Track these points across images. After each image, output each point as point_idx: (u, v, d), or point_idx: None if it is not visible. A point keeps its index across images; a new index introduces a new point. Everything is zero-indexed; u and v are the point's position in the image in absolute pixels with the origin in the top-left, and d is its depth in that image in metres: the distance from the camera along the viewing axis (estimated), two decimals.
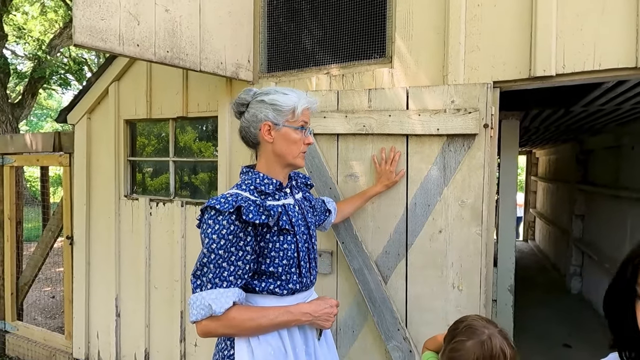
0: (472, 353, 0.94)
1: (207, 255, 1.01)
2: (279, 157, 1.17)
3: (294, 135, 1.15)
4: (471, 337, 0.96)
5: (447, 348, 1.01)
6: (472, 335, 0.96)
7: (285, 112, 1.14)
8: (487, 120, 1.58)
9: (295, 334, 1.12)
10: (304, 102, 1.16)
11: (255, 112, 1.16)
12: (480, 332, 0.96)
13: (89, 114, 2.85)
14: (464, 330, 0.98)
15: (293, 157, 1.17)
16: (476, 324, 0.98)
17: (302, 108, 1.15)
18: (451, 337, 1.02)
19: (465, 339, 0.96)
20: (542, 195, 6.96)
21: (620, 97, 2.14)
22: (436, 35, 1.73)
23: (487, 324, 0.99)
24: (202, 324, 1.00)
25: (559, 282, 5.07)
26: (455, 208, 1.64)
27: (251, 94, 1.19)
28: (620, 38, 1.43)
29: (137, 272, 2.66)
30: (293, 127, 1.15)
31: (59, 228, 3.18)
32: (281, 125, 1.14)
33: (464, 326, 0.99)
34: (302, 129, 1.17)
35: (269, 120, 1.15)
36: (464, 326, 1.00)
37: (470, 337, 0.96)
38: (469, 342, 0.95)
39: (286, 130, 1.15)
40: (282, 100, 1.14)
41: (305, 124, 1.18)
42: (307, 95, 1.20)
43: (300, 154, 1.18)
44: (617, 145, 3.48)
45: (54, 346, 3.14)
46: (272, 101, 1.14)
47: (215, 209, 1.02)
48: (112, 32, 1.60)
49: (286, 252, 1.10)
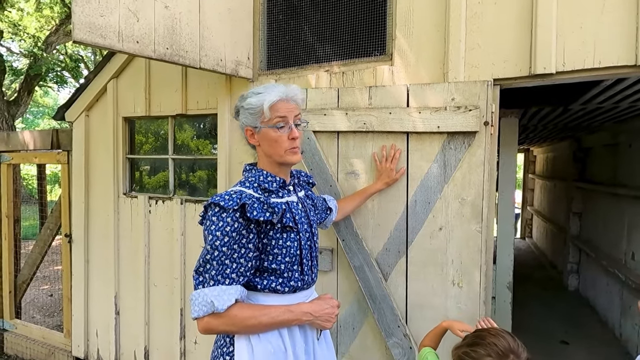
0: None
1: (211, 252, 1.01)
2: (270, 158, 1.16)
3: (272, 134, 1.12)
4: (492, 355, 0.95)
5: (465, 348, 1.01)
6: (496, 355, 0.95)
7: (256, 113, 1.12)
8: (488, 117, 1.58)
9: (295, 333, 1.12)
10: (272, 97, 1.10)
11: (241, 118, 1.18)
12: (504, 356, 0.95)
13: (87, 111, 2.83)
14: (491, 344, 0.97)
15: (280, 155, 1.14)
16: (504, 346, 0.97)
17: (269, 104, 1.09)
18: (474, 340, 1.01)
19: (485, 354, 0.96)
20: (540, 193, 7.00)
21: (619, 95, 2.15)
22: (437, 32, 1.73)
23: (517, 349, 0.97)
24: (203, 321, 1.00)
25: (556, 279, 5.10)
26: (455, 205, 1.65)
27: (241, 99, 1.18)
28: (620, 36, 1.43)
29: (137, 270, 2.65)
30: (269, 126, 1.12)
31: (57, 226, 3.17)
32: (259, 127, 1.13)
33: (493, 342, 0.98)
34: (279, 127, 1.12)
35: (248, 125, 1.15)
36: (493, 341, 0.98)
37: (492, 354, 0.96)
38: (488, 359, 0.95)
39: (265, 131, 1.13)
40: (253, 103, 1.12)
41: (282, 119, 1.12)
42: (282, 88, 1.13)
43: (287, 151, 1.13)
44: (615, 143, 3.50)
45: (53, 344, 3.14)
46: (247, 105, 1.13)
47: (219, 205, 1.02)
48: (111, 28, 1.59)
49: (289, 250, 1.10)
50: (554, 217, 5.71)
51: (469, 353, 0.99)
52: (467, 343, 1.04)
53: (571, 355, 3.08)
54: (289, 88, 1.13)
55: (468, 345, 1.02)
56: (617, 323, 3.34)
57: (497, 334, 1.01)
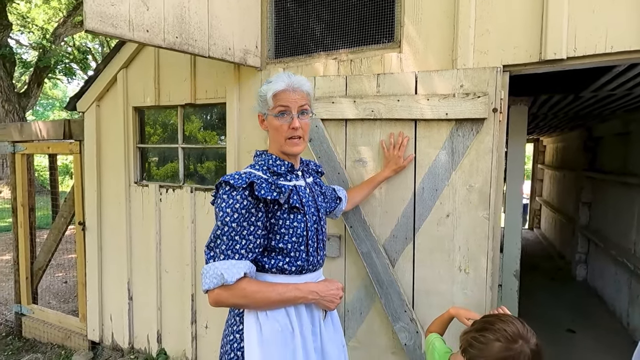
0: (493, 354, 0.95)
1: (221, 228, 1.05)
2: (274, 144, 1.20)
3: (274, 123, 1.16)
4: (501, 340, 0.96)
5: (474, 333, 1.02)
6: (505, 340, 0.96)
7: (264, 101, 1.16)
8: (497, 104, 1.58)
9: (302, 313, 1.16)
10: (275, 87, 1.13)
11: (255, 105, 1.23)
12: (513, 341, 0.96)
13: (98, 101, 2.87)
14: (500, 329, 0.98)
15: (280, 144, 1.17)
16: (513, 331, 0.97)
17: (272, 93, 1.13)
18: (484, 325, 1.02)
19: (494, 339, 0.97)
20: (549, 183, 6.93)
21: (632, 81, 2.11)
22: (446, 18, 1.72)
23: (526, 335, 0.97)
24: (214, 293, 1.04)
25: (564, 270, 5.09)
26: (463, 192, 1.65)
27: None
28: (632, 20, 1.41)
29: (148, 257, 2.72)
30: (273, 114, 1.15)
31: (71, 214, 3.25)
32: (267, 115, 1.18)
33: (502, 327, 0.98)
34: (280, 115, 1.14)
35: (259, 112, 1.20)
36: (502, 327, 0.99)
37: (500, 340, 0.96)
38: (497, 343, 0.96)
39: (270, 119, 1.17)
40: (263, 90, 1.17)
41: (284, 108, 1.14)
42: (285, 77, 1.16)
43: (287, 140, 1.16)
44: (626, 131, 3.44)
45: (69, 328, 3.24)
46: (260, 93, 1.19)
47: (229, 184, 1.06)
48: (122, 17, 1.61)
49: (295, 230, 1.13)
50: (563, 208, 5.66)
51: (477, 338, 1.00)
52: (475, 328, 1.04)
53: (577, 344, 3.09)
54: (293, 78, 1.16)
55: (477, 330, 1.03)
56: (625, 312, 3.34)
57: (506, 319, 1.02)
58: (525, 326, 1.01)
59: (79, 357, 3.00)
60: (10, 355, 3.15)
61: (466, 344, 1.04)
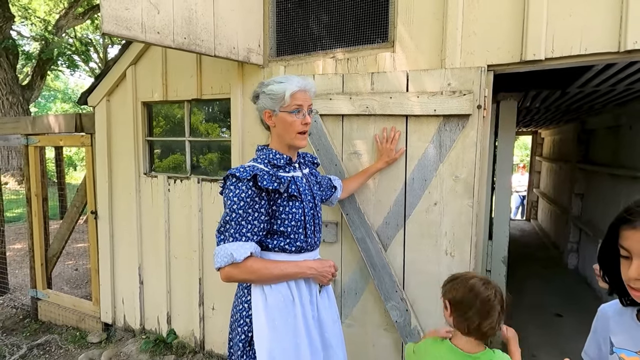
0: (472, 287, 1.15)
1: (229, 214, 1.20)
2: (281, 138, 1.35)
3: (288, 119, 1.31)
4: (476, 276, 1.18)
5: (449, 283, 1.21)
6: (478, 279, 1.17)
7: (277, 99, 1.31)
8: (481, 101, 1.71)
9: (301, 286, 1.33)
10: (293, 87, 1.30)
11: (260, 101, 1.37)
12: (485, 280, 1.16)
13: (108, 96, 3.02)
14: (469, 274, 1.21)
15: (290, 138, 1.33)
16: (482, 277, 1.19)
17: (290, 93, 1.29)
18: (453, 277, 1.24)
19: (470, 277, 1.18)
20: (546, 175, 7.05)
21: (612, 78, 2.23)
22: (435, 20, 1.84)
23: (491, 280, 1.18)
24: (225, 270, 1.20)
25: (556, 259, 5.25)
26: (449, 182, 1.80)
27: (260, 86, 1.38)
28: (605, 24, 1.53)
29: (158, 244, 2.89)
30: (287, 111, 1.31)
31: (83, 204, 3.42)
32: (277, 111, 1.32)
33: (471, 274, 1.22)
34: (296, 112, 1.31)
35: (267, 108, 1.34)
36: (471, 274, 1.22)
37: (475, 276, 1.18)
38: (474, 279, 1.16)
39: (282, 115, 1.32)
40: (275, 89, 1.31)
41: (299, 106, 1.31)
42: (300, 80, 1.33)
43: (297, 135, 1.33)
44: (617, 125, 3.56)
45: (83, 311, 3.43)
46: (269, 91, 1.33)
47: (235, 176, 1.22)
48: (135, 21, 1.74)
49: (294, 215, 1.29)
50: (558, 199, 5.80)
51: (455, 283, 1.18)
52: (448, 281, 1.23)
53: (563, 326, 3.27)
54: (307, 81, 1.33)
55: (450, 281, 1.22)
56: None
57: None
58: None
59: (94, 337, 3.19)
60: (28, 336, 3.35)
61: (450, 292, 1.19)
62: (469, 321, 1.12)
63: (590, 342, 0.98)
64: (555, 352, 2.88)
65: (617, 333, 0.87)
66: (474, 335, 1.15)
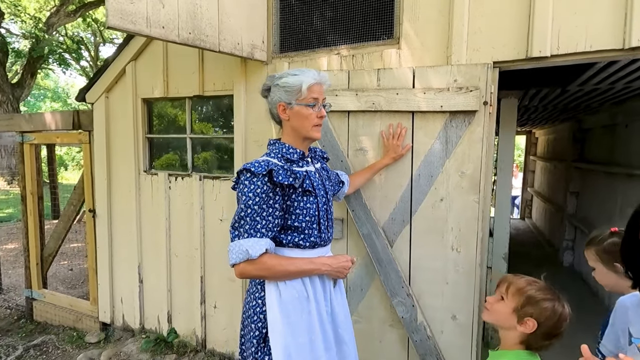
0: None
1: (245, 210, 1.19)
2: (296, 131, 1.34)
3: (304, 111, 1.31)
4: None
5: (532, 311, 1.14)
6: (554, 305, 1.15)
7: (293, 91, 1.30)
8: (487, 98, 1.73)
9: (315, 282, 1.32)
10: (309, 80, 1.29)
11: (273, 95, 1.35)
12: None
13: (107, 93, 2.98)
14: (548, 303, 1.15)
15: (307, 130, 1.33)
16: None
17: (307, 86, 1.29)
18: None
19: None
20: (540, 174, 7.14)
21: (613, 76, 2.27)
22: (441, 17, 1.85)
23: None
24: (240, 267, 1.19)
25: (552, 256, 5.31)
26: (455, 178, 1.81)
27: (272, 79, 1.37)
28: (610, 21, 1.56)
29: (158, 242, 2.86)
30: (303, 104, 1.30)
31: (80, 202, 3.37)
32: (293, 104, 1.31)
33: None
34: (312, 105, 1.31)
35: (282, 101, 1.33)
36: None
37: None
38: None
39: (298, 108, 1.31)
40: (290, 82, 1.30)
41: (315, 100, 1.31)
42: (315, 73, 1.33)
43: (313, 127, 1.33)
44: (613, 123, 3.62)
45: (80, 311, 3.38)
46: (283, 84, 1.31)
47: (250, 171, 1.20)
48: (140, 15, 1.72)
49: (309, 210, 1.28)
50: (553, 197, 5.87)
51: (545, 305, 1.14)
52: (537, 299, 1.16)
53: None
54: (322, 74, 1.32)
55: (538, 301, 1.15)
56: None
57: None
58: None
59: (91, 337, 3.15)
60: (24, 337, 3.29)
61: (534, 309, 1.14)
62: (542, 339, 1.11)
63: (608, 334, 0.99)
64: (554, 347, 2.91)
65: (636, 324, 0.88)
66: (533, 348, 1.13)
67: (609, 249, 1.17)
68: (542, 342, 1.11)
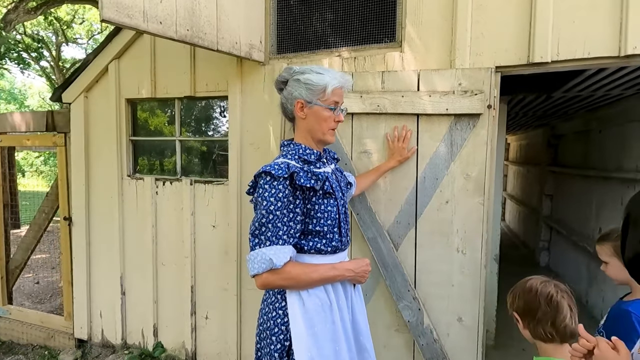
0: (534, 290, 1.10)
1: (266, 216, 1.12)
2: (311, 132, 1.29)
3: (324, 113, 1.26)
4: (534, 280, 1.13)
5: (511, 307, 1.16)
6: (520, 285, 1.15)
7: (317, 91, 1.24)
8: (491, 101, 1.76)
9: (338, 288, 1.27)
10: (335, 82, 1.25)
11: (291, 89, 1.28)
12: (546, 281, 1.11)
13: (87, 92, 2.80)
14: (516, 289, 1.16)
15: (322, 133, 1.28)
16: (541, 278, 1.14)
17: (332, 87, 1.24)
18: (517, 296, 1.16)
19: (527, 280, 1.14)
20: (513, 178, 7.44)
21: (597, 84, 2.39)
22: (444, 22, 1.87)
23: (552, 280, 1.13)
24: (262, 277, 1.12)
25: (528, 257, 5.52)
26: (460, 181, 1.82)
27: (290, 72, 1.30)
28: (606, 30, 1.63)
29: (144, 251, 2.69)
30: (324, 105, 1.25)
31: (54, 209, 3.13)
32: (313, 103, 1.25)
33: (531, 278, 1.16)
34: (332, 109, 1.27)
35: (301, 98, 1.26)
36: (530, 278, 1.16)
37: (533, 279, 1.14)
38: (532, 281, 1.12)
39: (317, 109, 1.26)
40: (315, 80, 1.24)
41: (336, 103, 1.28)
42: (340, 75, 1.29)
43: (329, 131, 1.29)
44: (587, 129, 3.82)
45: (53, 327, 3.13)
46: (306, 80, 1.25)
47: (270, 174, 1.13)
48: (137, 8, 1.62)
49: (330, 214, 1.23)
50: (527, 200, 6.13)
51: (514, 293, 1.15)
52: (509, 293, 1.18)
53: None
54: (346, 78, 1.28)
55: (510, 293, 1.18)
56: (584, 292, 3.72)
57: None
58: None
59: (66, 356, 2.91)
60: None
61: (510, 302, 1.16)
62: (542, 324, 1.06)
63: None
64: None
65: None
66: (557, 340, 1.06)
67: None
68: (544, 328, 1.07)
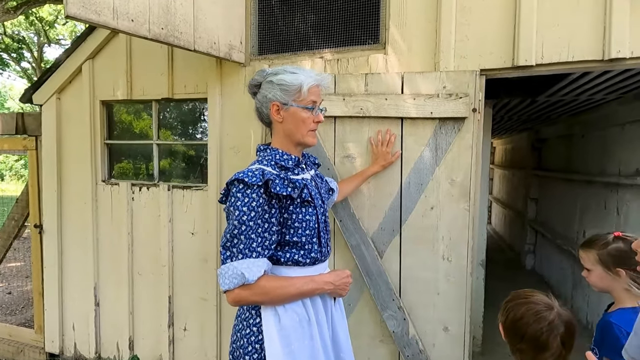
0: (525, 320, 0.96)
1: (238, 227, 1.04)
2: (289, 136, 1.21)
3: (302, 114, 1.18)
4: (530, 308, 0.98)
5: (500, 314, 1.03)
6: (517, 302, 1.00)
7: (292, 91, 1.17)
8: (476, 104, 1.72)
9: (317, 302, 1.19)
10: (311, 80, 1.17)
11: (265, 92, 1.21)
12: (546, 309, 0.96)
13: (59, 93, 2.67)
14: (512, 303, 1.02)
15: (302, 135, 1.20)
16: (542, 300, 0.99)
17: (308, 86, 1.16)
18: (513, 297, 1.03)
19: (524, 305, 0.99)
20: (499, 182, 7.50)
21: (581, 88, 2.39)
22: (428, 24, 1.83)
23: (554, 304, 0.98)
24: (234, 293, 1.03)
25: (514, 260, 5.55)
26: (445, 186, 1.78)
27: (263, 74, 1.22)
28: (590, 34, 1.61)
29: (119, 259, 2.57)
30: (301, 106, 1.18)
31: (24, 216, 2.97)
32: (289, 105, 1.18)
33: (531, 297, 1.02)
34: (310, 108, 1.19)
35: (276, 100, 1.18)
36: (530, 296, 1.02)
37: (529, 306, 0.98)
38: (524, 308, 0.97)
39: (294, 110, 1.18)
40: (289, 80, 1.16)
41: (314, 103, 1.20)
42: (315, 73, 1.22)
43: (309, 132, 1.21)
44: (570, 134, 3.86)
45: (22, 341, 2.96)
46: (279, 81, 1.17)
47: (243, 182, 1.06)
48: (105, 4, 1.53)
49: (308, 223, 1.16)
50: (512, 204, 6.17)
51: (509, 305, 1.00)
52: (506, 300, 1.05)
53: None
54: (323, 75, 1.20)
55: (507, 301, 1.03)
56: (569, 295, 3.73)
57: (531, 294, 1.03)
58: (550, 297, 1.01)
59: None
60: None
61: (501, 310, 1.03)
62: (523, 354, 0.96)
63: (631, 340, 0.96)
64: None
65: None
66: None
67: (613, 254, 1.17)
68: (520, 357, 0.97)
